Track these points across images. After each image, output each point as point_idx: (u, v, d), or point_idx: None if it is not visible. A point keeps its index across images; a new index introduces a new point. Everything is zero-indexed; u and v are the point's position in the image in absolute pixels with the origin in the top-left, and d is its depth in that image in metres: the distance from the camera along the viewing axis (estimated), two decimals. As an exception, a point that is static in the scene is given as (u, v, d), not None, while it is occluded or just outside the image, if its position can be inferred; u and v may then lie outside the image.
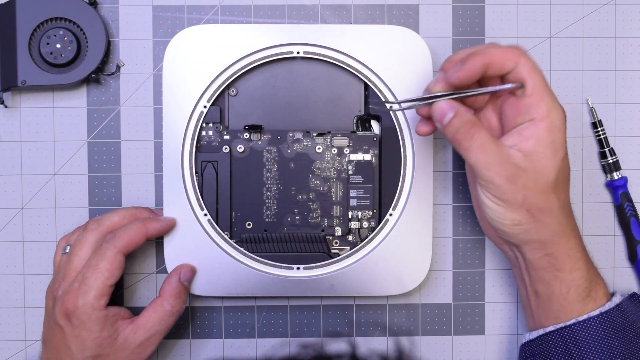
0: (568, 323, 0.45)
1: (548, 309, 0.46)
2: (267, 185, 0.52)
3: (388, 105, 0.49)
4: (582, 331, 0.44)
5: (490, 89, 0.43)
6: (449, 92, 0.43)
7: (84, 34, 0.52)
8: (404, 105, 0.46)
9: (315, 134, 0.52)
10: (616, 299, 0.46)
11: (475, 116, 0.43)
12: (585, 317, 0.45)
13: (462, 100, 0.44)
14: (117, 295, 0.53)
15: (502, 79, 0.44)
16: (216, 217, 0.51)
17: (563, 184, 0.44)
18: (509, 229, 0.44)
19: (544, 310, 0.46)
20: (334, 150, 0.52)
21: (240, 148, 0.52)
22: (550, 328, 0.46)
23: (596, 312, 0.45)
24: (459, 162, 0.54)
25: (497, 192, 0.42)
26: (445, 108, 0.43)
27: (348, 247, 0.52)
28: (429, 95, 0.44)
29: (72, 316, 0.45)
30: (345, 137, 0.52)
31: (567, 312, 0.45)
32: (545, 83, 0.44)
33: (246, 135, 0.52)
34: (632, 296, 0.48)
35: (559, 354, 0.45)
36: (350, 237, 0.52)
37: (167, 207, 0.50)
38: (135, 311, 0.50)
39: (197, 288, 0.51)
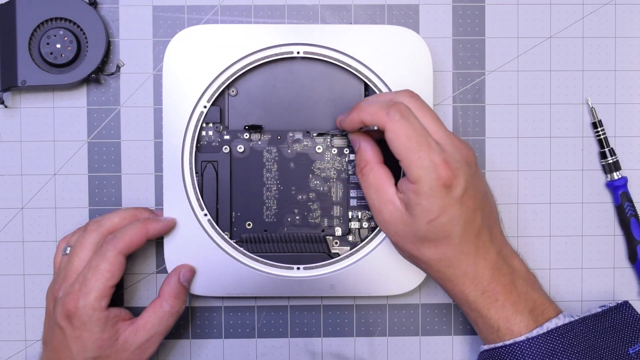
0: (485, 348, 0.46)
1: (477, 333, 0.48)
2: (267, 185, 0.52)
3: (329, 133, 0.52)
4: (506, 354, 0.45)
5: (364, 128, 0.46)
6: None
7: (84, 34, 0.52)
8: (334, 132, 0.51)
9: (315, 134, 0.52)
10: (547, 325, 0.45)
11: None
12: (500, 344, 0.45)
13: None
14: (117, 295, 0.53)
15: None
16: (216, 217, 0.51)
17: (439, 241, 0.44)
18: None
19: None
20: (334, 150, 0.52)
21: (240, 148, 0.52)
22: (484, 347, 0.47)
23: (509, 342, 0.44)
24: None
25: (380, 219, 0.46)
26: (354, 140, 0.48)
27: (348, 247, 0.52)
28: (335, 131, 0.51)
29: (73, 317, 0.45)
30: (345, 138, 0.52)
31: (486, 339, 0.46)
32: (416, 147, 0.43)
33: (246, 135, 0.52)
34: (616, 307, 0.47)
35: None
36: (350, 237, 0.52)
37: (167, 207, 0.50)
38: (136, 311, 0.50)
39: (197, 288, 0.51)
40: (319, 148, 0.52)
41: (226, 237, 0.51)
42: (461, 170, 0.43)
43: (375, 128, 0.45)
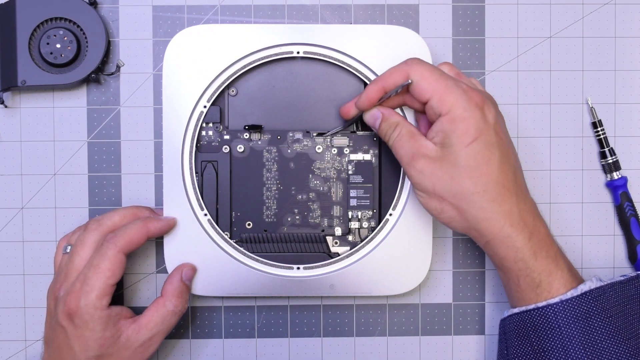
0: (520, 309, 0.46)
1: (509, 294, 0.48)
2: (267, 185, 0.52)
3: (326, 134, 0.52)
4: (538, 317, 0.45)
5: (385, 96, 0.47)
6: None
7: (84, 34, 0.52)
8: (333, 130, 0.52)
9: (315, 134, 0.52)
10: (582, 288, 0.44)
11: (417, 120, 0.49)
12: (532, 306, 0.45)
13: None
14: (118, 295, 0.53)
15: (410, 93, 0.47)
16: (216, 217, 0.51)
17: (480, 168, 0.44)
18: (436, 217, 0.47)
19: (508, 293, 0.48)
20: (334, 150, 0.52)
21: (240, 148, 0.52)
22: (514, 310, 0.46)
23: (542, 304, 0.44)
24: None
25: (413, 181, 0.46)
26: (375, 114, 0.48)
27: (348, 247, 0.52)
28: (339, 127, 0.52)
29: (74, 316, 0.45)
30: (345, 137, 0.52)
31: (522, 299, 0.46)
32: (444, 79, 0.45)
33: (246, 135, 0.52)
34: (637, 277, 0.47)
35: (520, 337, 0.46)
36: (350, 237, 0.52)
37: (167, 207, 0.50)
38: (136, 311, 0.50)
39: (197, 288, 0.51)
40: (319, 148, 0.52)
41: (226, 237, 0.51)
42: (489, 100, 0.45)
43: (398, 90, 0.46)
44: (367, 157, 0.52)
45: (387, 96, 0.47)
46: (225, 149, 0.52)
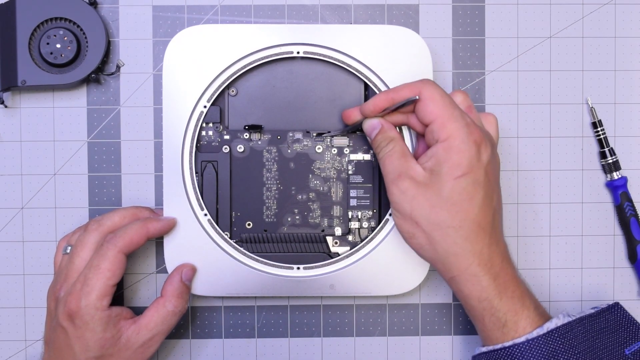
0: (487, 349, 0.45)
1: (478, 331, 0.47)
2: (267, 185, 0.52)
3: (326, 134, 0.52)
4: (505, 356, 0.44)
5: (391, 107, 0.47)
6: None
7: (84, 34, 0.52)
8: (333, 133, 0.52)
9: (315, 134, 0.52)
10: (548, 325, 0.44)
11: (418, 140, 0.49)
12: (499, 346, 0.44)
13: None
14: (118, 295, 0.53)
15: (415, 112, 0.47)
16: (216, 217, 0.51)
17: (462, 203, 0.44)
18: (406, 241, 0.47)
19: (477, 330, 0.47)
20: (334, 150, 0.52)
21: (240, 148, 0.52)
22: (482, 349, 0.46)
23: (509, 343, 0.44)
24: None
25: (392, 199, 0.46)
26: (374, 124, 0.49)
27: (348, 247, 0.52)
28: (339, 130, 0.52)
29: (75, 317, 0.45)
30: (345, 137, 0.52)
31: (488, 338, 0.46)
32: (451, 107, 0.45)
33: (246, 135, 0.52)
34: (608, 309, 0.47)
35: None
36: (350, 237, 0.52)
37: (167, 207, 0.50)
38: (136, 311, 0.50)
39: (197, 288, 0.51)
40: (319, 148, 0.52)
41: (226, 237, 0.51)
42: (488, 140, 0.46)
43: (403, 104, 0.46)
44: (367, 157, 0.52)
45: (393, 108, 0.47)
46: (225, 149, 0.52)
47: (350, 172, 0.52)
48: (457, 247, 0.44)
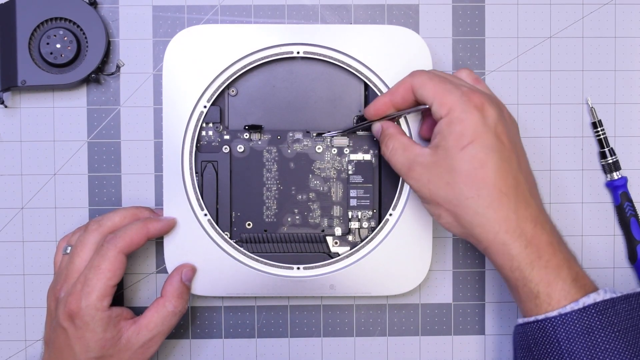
0: (523, 321, 0.44)
1: (516, 303, 0.46)
2: (267, 185, 0.52)
3: (326, 134, 0.52)
4: (537, 331, 0.43)
5: (396, 113, 0.49)
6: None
7: (84, 34, 0.52)
8: (332, 133, 0.52)
9: (315, 134, 0.52)
10: (584, 301, 0.42)
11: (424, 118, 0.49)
12: (532, 319, 0.43)
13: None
14: (118, 295, 0.53)
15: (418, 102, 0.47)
16: (216, 217, 0.51)
17: (475, 172, 0.42)
18: (437, 221, 0.46)
19: (516, 302, 0.46)
20: (334, 150, 0.52)
21: (240, 148, 0.52)
22: (519, 321, 0.45)
23: (541, 317, 0.42)
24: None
25: (413, 189, 0.46)
26: (377, 128, 0.49)
27: (348, 247, 0.52)
28: (353, 127, 0.52)
29: (75, 317, 0.45)
30: (345, 137, 0.52)
31: (524, 310, 0.44)
32: (443, 83, 0.45)
33: (246, 135, 0.52)
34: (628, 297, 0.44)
35: (523, 349, 0.45)
36: (350, 237, 0.52)
37: (167, 207, 0.50)
38: (136, 311, 0.50)
39: (197, 288, 0.51)
40: (319, 148, 0.52)
41: (226, 237, 0.51)
42: (492, 103, 0.44)
43: (410, 112, 0.48)
44: (367, 157, 0.52)
45: (399, 114, 0.48)
46: (225, 149, 0.52)
47: (350, 172, 0.52)
48: (480, 217, 0.43)
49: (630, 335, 0.41)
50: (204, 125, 0.51)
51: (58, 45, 0.51)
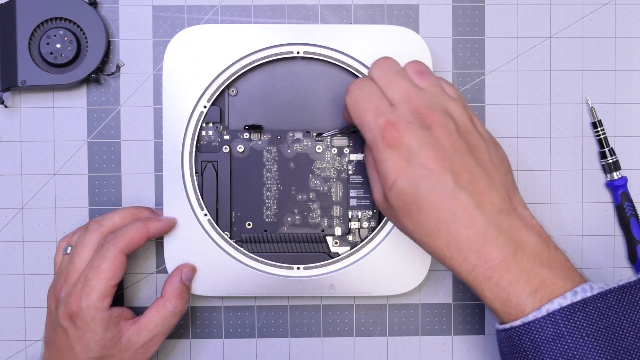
0: (496, 327, 0.43)
1: None
2: (267, 185, 0.52)
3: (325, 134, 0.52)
4: (504, 339, 0.42)
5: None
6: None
7: (84, 34, 0.52)
8: (332, 132, 0.52)
9: (315, 134, 0.52)
10: (544, 310, 0.40)
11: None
12: (500, 327, 0.42)
13: None
14: (118, 295, 0.53)
15: None
16: (216, 217, 0.51)
17: (409, 207, 0.42)
18: None
19: None
20: (334, 150, 0.52)
21: (240, 148, 0.52)
22: (495, 327, 0.44)
23: (507, 326, 0.41)
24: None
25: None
26: None
27: (348, 247, 0.52)
28: (352, 126, 0.51)
29: (75, 318, 0.45)
30: (345, 137, 0.52)
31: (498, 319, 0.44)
32: (364, 117, 0.43)
33: (246, 135, 0.52)
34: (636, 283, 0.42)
35: (501, 353, 0.44)
36: (350, 237, 0.52)
37: (167, 207, 0.50)
38: (136, 311, 0.50)
39: (197, 288, 0.51)
40: (319, 148, 0.52)
41: (226, 237, 0.51)
42: (411, 130, 0.41)
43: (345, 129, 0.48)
44: (367, 157, 0.52)
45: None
46: (225, 149, 0.52)
47: (350, 172, 0.52)
48: (425, 246, 0.43)
49: (603, 336, 0.39)
50: (204, 125, 0.51)
51: (58, 45, 0.51)
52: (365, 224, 0.52)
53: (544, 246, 0.42)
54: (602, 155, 0.54)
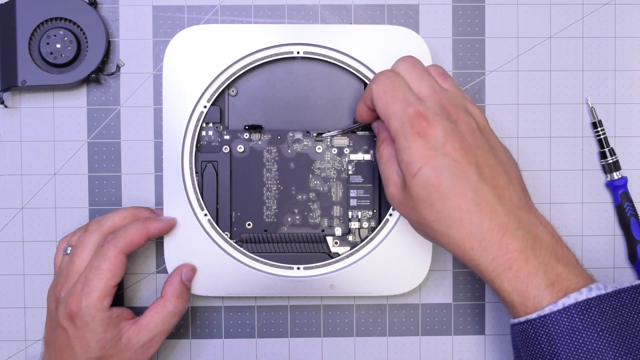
0: (511, 322, 0.44)
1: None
2: (267, 185, 0.52)
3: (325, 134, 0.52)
4: (518, 333, 0.42)
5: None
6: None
7: (84, 34, 0.52)
8: (332, 133, 0.52)
9: (315, 134, 0.52)
10: (560, 304, 0.40)
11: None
12: (516, 321, 0.43)
13: None
14: (118, 295, 0.53)
15: None
16: (216, 217, 0.51)
17: (432, 196, 0.42)
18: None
19: None
20: (334, 150, 0.52)
21: (240, 148, 0.52)
22: (510, 321, 0.44)
23: (523, 319, 0.42)
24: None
25: (391, 204, 0.48)
26: (374, 125, 0.49)
27: (348, 247, 0.52)
28: (352, 126, 0.52)
29: (75, 318, 0.45)
30: (345, 137, 0.52)
31: (510, 313, 0.44)
32: (390, 103, 0.44)
33: (246, 135, 0.52)
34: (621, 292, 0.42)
35: (515, 347, 0.45)
36: (350, 237, 0.52)
37: (167, 207, 0.50)
38: (136, 311, 0.50)
39: (197, 288, 0.51)
40: (319, 148, 0.52)
41: (226, 237, 0.51)
42: (439, 121, 0.42)
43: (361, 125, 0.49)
44: (367, 157, 0.52)
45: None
46: (225, 149, 0.52)
47: (350, 172, 0.52)
48: (445, 237, 0.43)
49: (617, 333, 0.40)
50: (204, 125, 0.51)
51: (58, 45, 0.51)
52: (365, 224, 0.52)
53: (556, 244, 0.43)
54: (602, 155, 0.54)
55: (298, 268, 0.51)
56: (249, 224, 0.52)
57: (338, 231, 0.52)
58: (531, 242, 0.42)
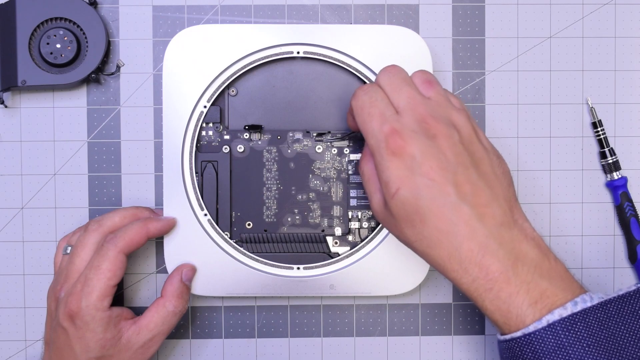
0: (497, 338, 0.43)
1: None
2: (267, 185, 0.52)
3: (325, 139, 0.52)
4: (505, 350, 0.42)
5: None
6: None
7: (84, 34, 0.52)
8: (330, 139, 0.52)
9: (315, 134, 0.52)
10: (545, 321, 0.40)
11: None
12: (501, 338, 0.42)
13: None
14: (118, 295, 0.53)
15: None
16: (216, 217, 0.51)
17: (411, 217, 0.41)
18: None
19: None
20: (334, 150, 0.52)
21: (240, 148, 0.52)
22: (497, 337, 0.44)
23: (508, 337, 0.41)
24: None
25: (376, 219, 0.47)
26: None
27: (348, 247, 0.52)
28: (351, 132, 0.52)
29: (75, 318, 0.45)
30: (345, 138, 0.52)
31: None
32: (369, 123, 0.43)
33: (246, 135, 0.52)
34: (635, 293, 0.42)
35: None
36: (350, 237, 0.52)
37: (167, 207, 0.50)
38: (136, 311, 0.50)
39: (197, 288, 0.51)
40: (319, 148, 0.52)
41: (226, 237, 0.51)
42: (416, 139, 0.41)
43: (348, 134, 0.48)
44: (367, 157, 0.52)
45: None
46: (225, 149, 0.52)
47: (350, 172, 0.52)
48: (426, 257, 0.43)
49: (604, 347, 0.39)
50: (204, 125, 0.51)
51: (58, 45, 0.51)
52: (365, 224, 0.52)
53: (543, 258, 0.42)
54: (602, 155, 0.54)
55: (298, 268, 0.51)
56: (249, 224, 0.52)
57: (338, 231, 0.52)
58: (513, 261, 0.41)
